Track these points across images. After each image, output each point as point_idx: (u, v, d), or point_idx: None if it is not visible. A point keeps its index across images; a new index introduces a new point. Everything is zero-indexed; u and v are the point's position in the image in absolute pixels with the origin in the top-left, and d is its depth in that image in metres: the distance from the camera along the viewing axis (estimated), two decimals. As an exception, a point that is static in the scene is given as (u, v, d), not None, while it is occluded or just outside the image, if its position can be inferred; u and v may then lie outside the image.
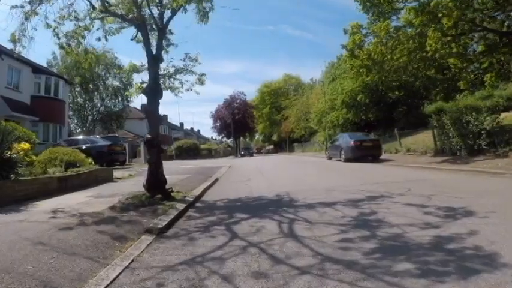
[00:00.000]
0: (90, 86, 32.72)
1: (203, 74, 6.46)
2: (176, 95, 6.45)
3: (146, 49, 5.47)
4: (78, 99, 34.85)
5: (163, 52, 5.91)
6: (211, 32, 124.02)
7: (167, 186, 5.46)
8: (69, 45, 5.45)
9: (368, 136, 16.40)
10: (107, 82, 34.61)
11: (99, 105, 34.48)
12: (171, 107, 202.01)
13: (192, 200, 5.45)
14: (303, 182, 8.34)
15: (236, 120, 45.96)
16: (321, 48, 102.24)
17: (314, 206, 4.68)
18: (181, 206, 4.73)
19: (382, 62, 13.24)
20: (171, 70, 6.19)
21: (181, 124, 70.09)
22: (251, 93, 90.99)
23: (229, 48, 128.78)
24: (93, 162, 9.32)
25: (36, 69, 19.48)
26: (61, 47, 5.45)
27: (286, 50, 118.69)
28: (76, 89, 34.46)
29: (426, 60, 14.96)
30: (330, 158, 18.26)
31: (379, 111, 23.69)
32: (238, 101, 48.73)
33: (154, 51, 5.61)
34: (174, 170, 12.13)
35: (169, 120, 61.00)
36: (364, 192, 5.74)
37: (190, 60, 6.19)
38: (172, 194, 5.43)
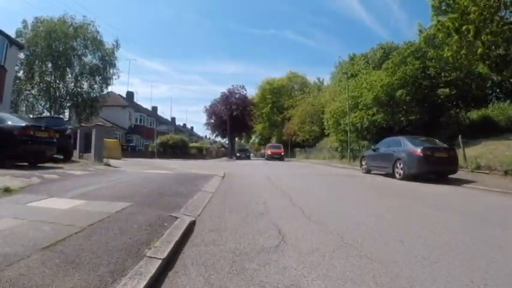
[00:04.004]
0: (62, 61, 26.88)
1: None
2: None
3: None
4: (48, 78, 28.94)
5: None
6: (213, 32, 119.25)
7: None
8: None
9: (436, 143, 11.13)
10: (84, 59, 28.80)
11: (72, 85, 28.58)
12: (163, 103, 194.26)
13: None
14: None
15: (233, 117, 39.93)
16: (323, 56, 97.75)
17: None
18: None
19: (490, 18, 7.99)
20: None
21: (173, 119, 64.26)
22: (250, 93, 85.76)
23: (230, 50, 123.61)
24: None
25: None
26: None
27: (288, 55, 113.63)
28: (48, 65, 28.65)
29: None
30: (368, 171, 12.93)
31: (423, 113, 18.30)
32: (237, 95, 42.75)
33: None
34: (124, 182, 6.56)
35: (159, 113, 55.24)
36: None
37: None
38: None
